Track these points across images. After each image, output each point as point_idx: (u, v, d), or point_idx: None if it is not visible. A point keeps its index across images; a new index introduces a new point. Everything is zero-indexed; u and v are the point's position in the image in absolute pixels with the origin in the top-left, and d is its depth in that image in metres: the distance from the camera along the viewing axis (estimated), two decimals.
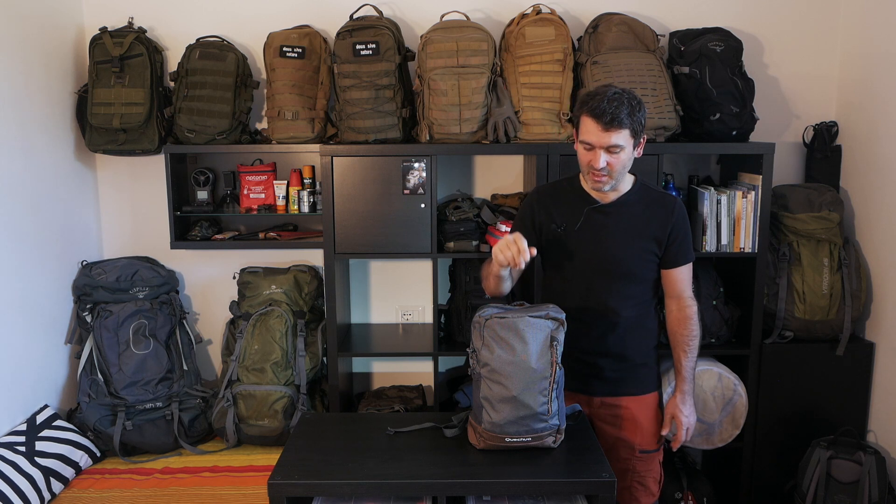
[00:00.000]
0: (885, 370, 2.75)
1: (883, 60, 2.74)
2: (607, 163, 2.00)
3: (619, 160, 2.00)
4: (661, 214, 2.12)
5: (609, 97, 1.96)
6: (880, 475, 2.53)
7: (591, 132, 1.98)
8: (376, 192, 2.70)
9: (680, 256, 2.15)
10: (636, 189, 2.14)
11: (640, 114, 1.99)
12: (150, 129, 2.82)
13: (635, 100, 2.00)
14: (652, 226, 2.11)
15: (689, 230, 2.17)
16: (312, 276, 3.04)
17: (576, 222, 2.13)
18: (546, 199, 2.21)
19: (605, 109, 1.94)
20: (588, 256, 2.13)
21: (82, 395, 2.79)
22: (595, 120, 1.97)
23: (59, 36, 2.86)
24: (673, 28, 2.94)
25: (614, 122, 1.94)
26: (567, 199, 2.18)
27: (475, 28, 2.71)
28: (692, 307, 2.19)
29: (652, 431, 2.22)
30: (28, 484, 2.38)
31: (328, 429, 2.09)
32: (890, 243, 2.71)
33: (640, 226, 2.11)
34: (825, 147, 2.95)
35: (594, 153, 2.00)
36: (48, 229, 2.77)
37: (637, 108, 1.98)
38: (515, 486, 1.78)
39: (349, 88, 2.69)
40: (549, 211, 2.18)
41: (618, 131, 1.96)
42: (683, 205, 2.17)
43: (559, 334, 1.85)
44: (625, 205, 2.12)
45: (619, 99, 1.96)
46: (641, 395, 2.22)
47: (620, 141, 1.97)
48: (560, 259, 2.18)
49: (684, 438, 2.23)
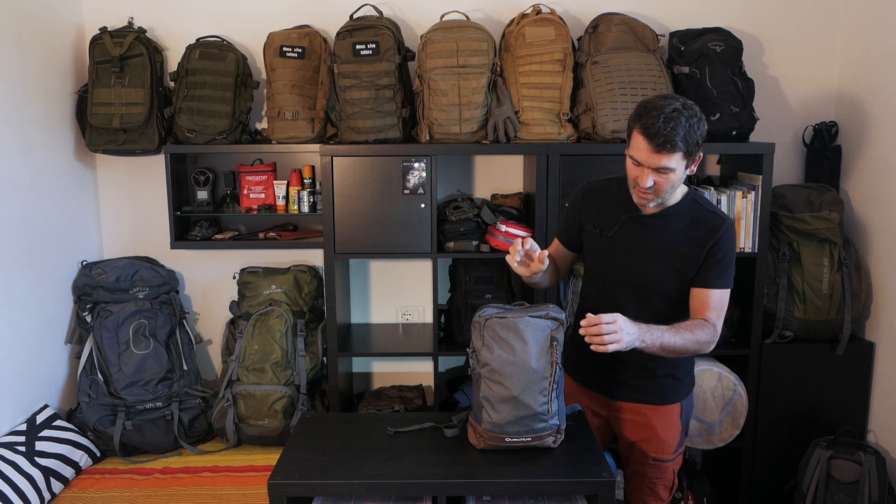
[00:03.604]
0: (885, 370, 2.75)
1: (883, 61, 2.74)
2: (655, 182, 1.86)
3: (667, 181, 1.86)
4: (703, 233, 1.95)
5: (667, 115, 1.79)
6: (880, 475, 2.53)
7: (641, 150, 1.83)
8: (376, 192, 2.70)
9: (712, 278, 1.95)
10: (685, 203, 1.98)
11: (697, 133, 1.82)
12: (150, 129, 2.82)
13: (695, 117, 1.82)
14: (691, 244, 1.95)
15: (733, 256, 1.97)
16: (312, 276, 3.04)
17: (612, 228, 2.03)
18: (592, 196, 2.11)
19: (659, 130, 1.78)
20: (617, 265, 2.03)
21: (82, 395, 2.79)
22: (647, 139, 1.81)
23: (59, 36, 2.86)
24: (673, 28, 2.94)
25: (667, 145, 1.79)
26: (611, 200, 2.05)
27: (475, 28, 2.71)
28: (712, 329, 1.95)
29: (668, 442, 2.12)
30: (28, 484, 2.38)
31: (328, 429, 2.09)
32: (890, 243, 2.71)
33: (677, 242, 1.96)
34: (825, 147, 2.95)
35: (641, 171, 1.86)
36: (48, 229, 2.77)
37: (695, 126, 1.81)
38: (515, 486, 1.77)
39: (349, 88, 2.69)
40: (591, 210, 2.09)
41: (670, 155, 1.81)
42: (733, 227, 1.97)
43: (559, 334, 1.85)
44: (667, 217, 1.97)
45: (676, 118, 1.79)
46: (662, 406, 2.10)
47: (671, 164, 1.82)
48: (592, 260, 2.12)
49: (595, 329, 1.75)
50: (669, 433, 2.11)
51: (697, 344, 1.91)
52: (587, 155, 2.69)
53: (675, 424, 2.13)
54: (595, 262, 2.12)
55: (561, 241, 2.19)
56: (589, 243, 2.11)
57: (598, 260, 2.10)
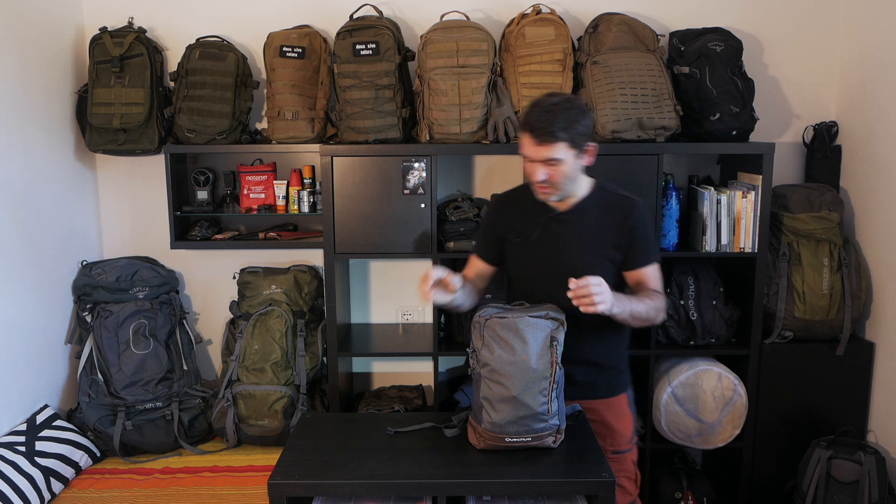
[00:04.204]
0: (885, 370, 2.75)
1: (883, 61, 2.73)
2: (547, 175, 1.96)
3: (558, 172, 1.95)
4: (618, 218, 2.06)
5: (545, 109, 1.91)
6: (880, 475, 2.53)
7: (527, 146, 1.95)
8: (376, 192, 2.70)
9: (640, 258, 2.07)
10: (593, 194, 2.09)
11: (580, 124, 1.92)
12: (150, 129, 2.82)
13: (574, 109, 1.93)
14: (611, 229, 2.05)
15: (651, 231, 2.11)
16: (312, 276, 3.04)
17: (533, 232, 2.10)
18: (505, 207, 2.19)
19: (538, 123, 1.90)
20: (547, 266, 2.08)
21: (82, 395, 2.79)
22: (529, 133, 1.93)
23: (59, 36, 2.86)
24: (673, 28, 2.94)
25: (546, 136, 1.89)
26: (526, 207, 2.13)
27: (475, 28, 2.71)
28: (661, 297, 2.07)
29: (622, 433, 2.19)
30: (28, 484, 2.38)
31: (328, 429, 2.09)
32: (890, 243, 2.71)
33: (597, 232, 2.06)
34: (825, 147, 2.95)
35: (533, 166, 1.97)
36: (48, 229, 2.77)
37: (575, 118, 1.91)
38: (515, 486, 1.78)
39: (349, 88, 2.69)
40: (508, 221, 2.15)
41: (552, 145, 1.90)
42: (643, 205, 2.10)
43: (559, 334, 1.85)
44: (582, 210, 2.07)
45: (555, 112, 1.90)
46: (612, 398, 2.18)
47: (557, 154, 1.92)
48: (521, 269, 2.16)
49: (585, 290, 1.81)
50: (622, 423, 2.19)
51: (656, 311, 2.03)
52: None
53: (626, 414, 2.21)
54: (522, 269, 2.16)
55: (481, 258, 2.22)
56: (513, 252, 2.16)
57: (525, 265, 2.14)
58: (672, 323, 2.80)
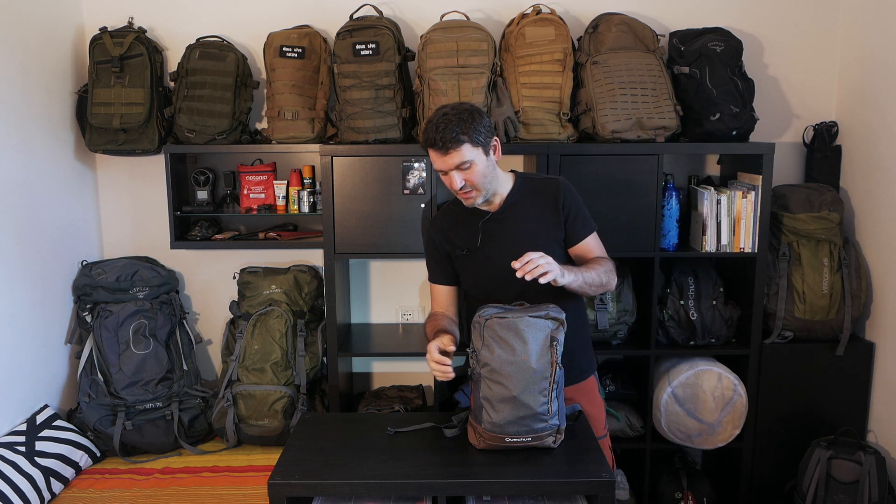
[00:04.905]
0: (885, 370, 2.75)
1: (883, 61, 2.74)
2: (465, 180, 2.01)
3: (475, 173, 2.01)
4: (548, 199, 2.12)
5: (436, 122, 1.98)
6: (880, 475, 2.53)
7: (436, 160, 2.02)
8: (376, 192, 2.70)
9: (581, 230, 2.14)
10: (518, 185, 2.15)
11: (476, 122, 1.98)
12: (150, 129, 2.82)
13: (465, 112, 1.99)
14: (546, 214, 2.12)
15: (581, 202, 2.15)
16: (312, 276, 3.04)
17: (475, 240, 2.13)
18: (442, 226, 2.22)
19: (435, 137, 1.96)
20: (498, 267, 2.05)
21: (82, 395, 2.79)
22: (432, 148, 1.99)
23: (59, 36, 2.86)
24: (673, 28, 2.94)
25: (448, 143, 1.96)
26: (460, 219, 2.18)
27: (475, 28, 2.71)
28: (609, 261, 2.13)
29: (596, 417, 2.20)
30: (28, 484, 2.39)
31: (328, 429, 2.09)
32: (890, 243, 2.71)
33: (535, 218, 2.12)
34: (825, 147, 2.95)
35: (448, 176, 2.02)
36: (48, 229, 2.77)
37: (470, 118, 1.98)
38: (515, 486, 1.78)
39: (349, 88, 2.69)
40: (448, 238, 2.19)
41: (456, 150, 1.97)
42: (567, 181, 2.17)
43: (559, 334, 1.85)
44: (513, 205, 2.13)
45: (446, 120, 1.97)
46: (583, 382, 2.21)
47: (465, 157, 1.98)
48: (476, 278, 2.17)
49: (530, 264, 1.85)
50: (594, 408, 2.22)
51: (608, 274, 2.08)
52: (587, 155, 2.69)
53: (597, 398, 2.25)
54: (476, 278, 2.18)
55: (442, 284, 2.24)
56: (463, 265, 2.19)
57: (478, 274, 2.16)
58: (672, 323, 2.80)
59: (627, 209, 2.68)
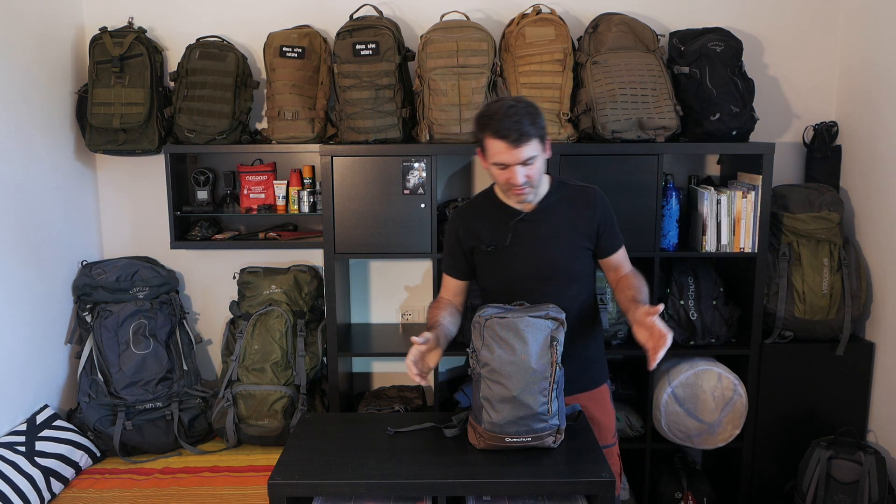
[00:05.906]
0: (885, 370, 2.75)
1: (883, 61, 2.73)
2: (526, 176, 1.97)
3: (535, 169, 1.98)
4: (584, 208, 2.11)
5: (506, 113, 1.93)
6: (880, 475, 2.53)
7: (502, 152, 1.95)
8: (376, 192, 2.70)
9: (614, 243, 2.14)
10: (555, 189, 2.13)
11: (539, 118, 1.97)
12: (150, 129, 2.82)
13: (531, 106, 1.98)
14: (578, 221, 2.11)
15: (614, 216, 2.16)
16: (312, 276, 3.04)
17: (505, 238, 2.10)
18: (468, 220, 2.18)
19: (510, 127, 1.91)
20: (525, 266, 2.09)
21: (82, 395, 2.79)
22: (503, 140, 1.93)
23: (59, 36, 2.86)
24: (673, 28, 2.94)
25: (522, 136, 1.92)
26: (490, 216, 2.14)
27: (475, 28, 2.71)
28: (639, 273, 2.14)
29: (607, 425, 2.20)
30: (28, 484, 2.38)
31: (328, 429, 2.09)
32: (890, 243, 2.71)
33: (567, 225, 2.10)
34: (825, 147, 2.95)
35: (511, 171, 1.97)
36: (48, 229, 2.77)
37: (535, 113, 1.96)
38: (515, 486, 1.77)
39: (349, 88, 2.69)
40: (473, 232, 2.15)
41: (527, 144, 1.93)
42: (603, 193, 2.15)
43: (559, 334, 1.85)
44: (548, 207, 2.11)
45: (516, 112, 1.93)
46: (595, 390, 2.20)
47: (532, 152, 1.95)
48: (498, 276, 2.15)
49: (668, 344, 1.80)
50: (606, 416, 2.21)
51: (646, 287, 2.09)
52: (587, 155, 2.70)
53: (608, 406, 2.24)
54: (498, 276, 2.15)
55: (453, 277, 2.22)
56: (485, 262, 2.16)
57: (501, 272, 2.14)
58: (672, 323, 2.80)
59: (627, 209, 2.68)
